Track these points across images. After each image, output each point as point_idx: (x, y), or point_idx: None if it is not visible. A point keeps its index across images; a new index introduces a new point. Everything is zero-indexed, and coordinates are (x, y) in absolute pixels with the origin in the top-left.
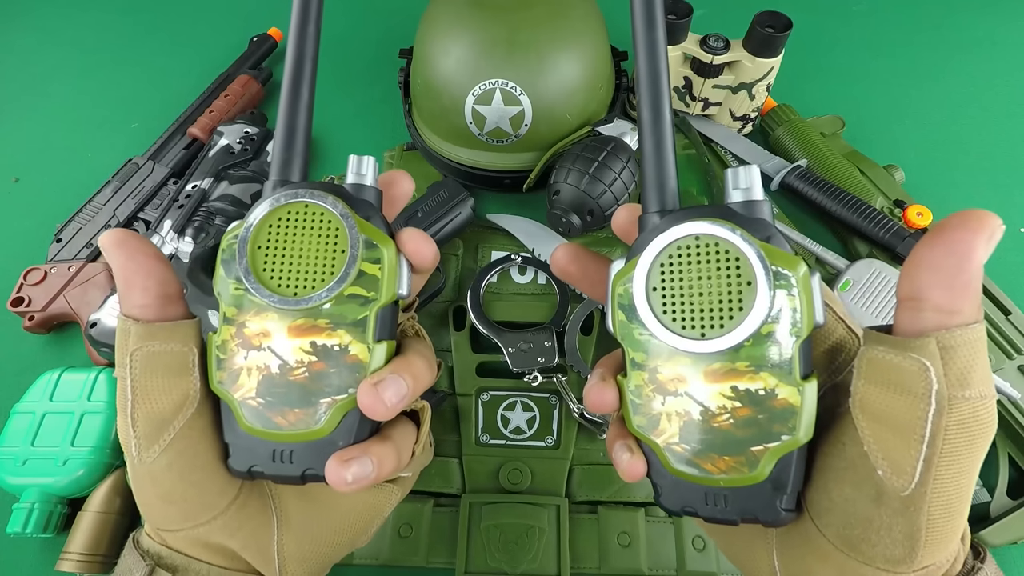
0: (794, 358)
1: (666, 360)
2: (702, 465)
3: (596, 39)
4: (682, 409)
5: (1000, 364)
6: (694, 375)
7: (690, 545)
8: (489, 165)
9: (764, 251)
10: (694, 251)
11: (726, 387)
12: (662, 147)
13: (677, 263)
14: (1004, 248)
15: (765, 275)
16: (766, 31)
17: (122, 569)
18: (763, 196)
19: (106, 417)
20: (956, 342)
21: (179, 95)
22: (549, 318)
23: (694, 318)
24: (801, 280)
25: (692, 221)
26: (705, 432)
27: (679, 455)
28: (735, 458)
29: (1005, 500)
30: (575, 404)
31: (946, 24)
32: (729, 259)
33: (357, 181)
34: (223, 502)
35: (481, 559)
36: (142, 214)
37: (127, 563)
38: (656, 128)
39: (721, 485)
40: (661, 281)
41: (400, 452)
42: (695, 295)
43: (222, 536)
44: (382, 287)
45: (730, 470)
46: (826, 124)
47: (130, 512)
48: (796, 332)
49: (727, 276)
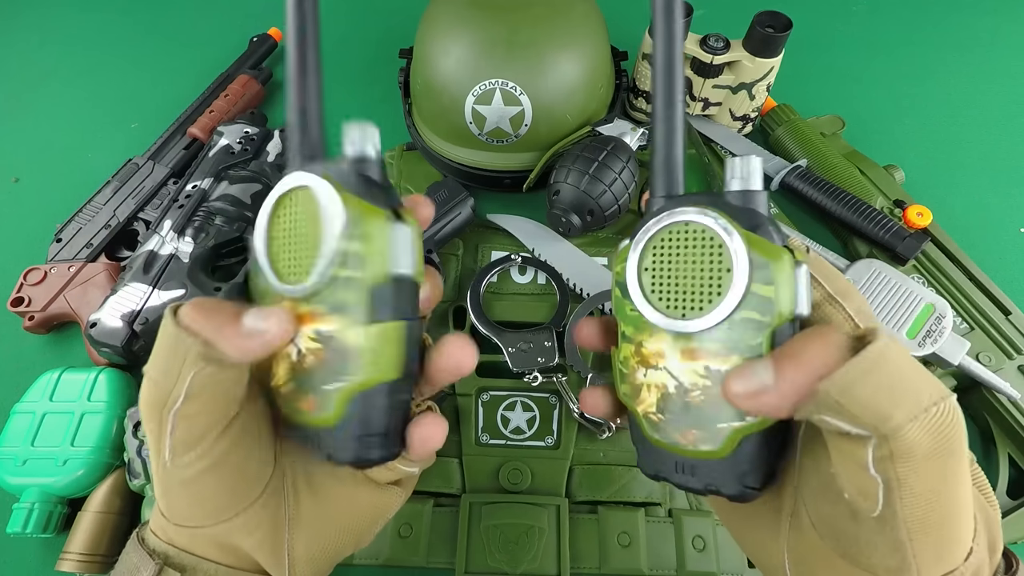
0: (763, 344)
1: (650, 336)
2: (674, 436)
3: (596, 39)
4: (660, 382)
5: (1000, 364)
6: (672, 352)
7: (690, 545)
8: (489, 165)
9: (747, 240)
10: (683, 236)
11: (699, 366)
12: (672, 136)
13: (668, 247)
14: (1004, 248)
15: (743, 263)
16: (766, 31)
17: (126, 568)
18: (760, 187)
19: (106, 417)
20: (849, 380)
21: (179, 95)
22: (549, 318)
23: (677, 299)
24: (781, 270)
25: (684, 207)
26: (679, 406)
27: (655, 424)
28: (703, 432)
29: (1005, 500)
30: (575, 404)
31: (946, 23)
32: (713, 246)
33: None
34: (249, 500)
35: (481, 559)
36: (142, 214)
37: (132, 561)
38: (668, 117)
39: (690, 456)
40: (652, 262)
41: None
42: (680, 278)
43: (241, 534)
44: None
45: (698, 443)
46: (826, 124)
47: (130, 512)
48: (769, 320)
49: (709, 262)
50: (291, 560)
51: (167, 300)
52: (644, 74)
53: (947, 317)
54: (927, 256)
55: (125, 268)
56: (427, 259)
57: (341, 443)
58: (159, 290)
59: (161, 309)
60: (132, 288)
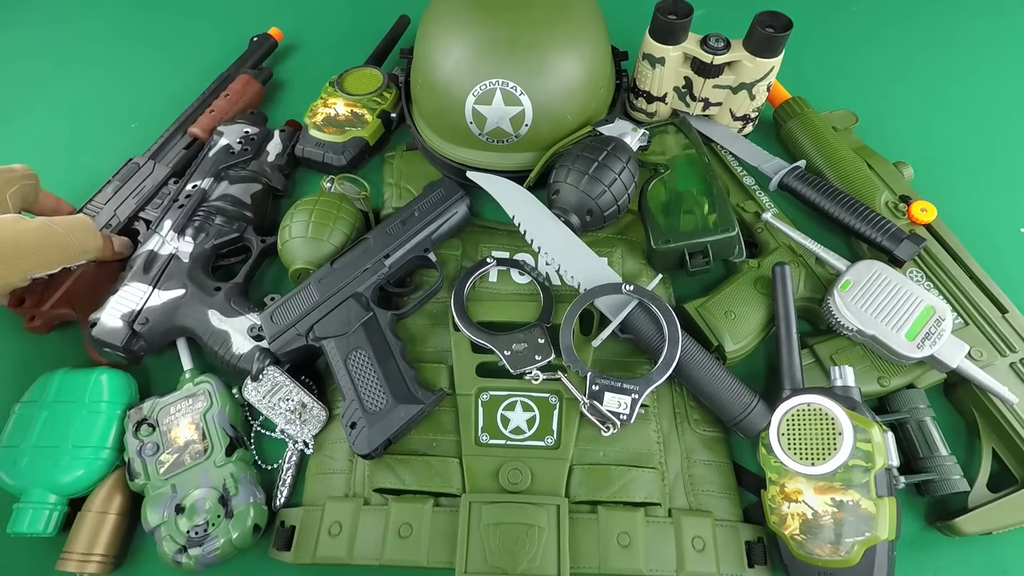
0: (870, 483)
1: (790, 479)
2: (814, 551)
3: (596, 39)
4: (800, 512)
5: (992, 360)
6: (807, 489)
7: (690, 545)
8: (489, 165)
9: (849, 416)
10: (807, 413)
11: (827, 498)
12: (792, 351)
13: (797, 420)
14: (1004, 247)
15: (849, 430)
16: (766, 31)
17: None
18: (853, 384)
19: (106, 417)
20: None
21: (179, 95)
22: (536, 317)
23: (807, 453)
24: (875, 434)
25: (807, 395)
26: (815, 528)
27: (799, 543)
28: (835, 546)
29: (984, 492)
30: (581, 396)
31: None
32: (828, 419)
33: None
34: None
35: (481, 559)
36: (142, 214)
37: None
38: (788, 339)
39: (828, 566)
40: (787, 429)
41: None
42: (808, 439)
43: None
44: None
45: (832, 555)
46: (839, 119)
47: (130, 512)
48: (870, 466)
49: (827, 429)
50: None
51: (167, 300)
52: (644, 74)
53: (947, 320)
54: (928, 252)
55: (126, 268)
56: (425, 259)
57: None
58: (159, 290)
59: (161, 309)
60: (132, 288)
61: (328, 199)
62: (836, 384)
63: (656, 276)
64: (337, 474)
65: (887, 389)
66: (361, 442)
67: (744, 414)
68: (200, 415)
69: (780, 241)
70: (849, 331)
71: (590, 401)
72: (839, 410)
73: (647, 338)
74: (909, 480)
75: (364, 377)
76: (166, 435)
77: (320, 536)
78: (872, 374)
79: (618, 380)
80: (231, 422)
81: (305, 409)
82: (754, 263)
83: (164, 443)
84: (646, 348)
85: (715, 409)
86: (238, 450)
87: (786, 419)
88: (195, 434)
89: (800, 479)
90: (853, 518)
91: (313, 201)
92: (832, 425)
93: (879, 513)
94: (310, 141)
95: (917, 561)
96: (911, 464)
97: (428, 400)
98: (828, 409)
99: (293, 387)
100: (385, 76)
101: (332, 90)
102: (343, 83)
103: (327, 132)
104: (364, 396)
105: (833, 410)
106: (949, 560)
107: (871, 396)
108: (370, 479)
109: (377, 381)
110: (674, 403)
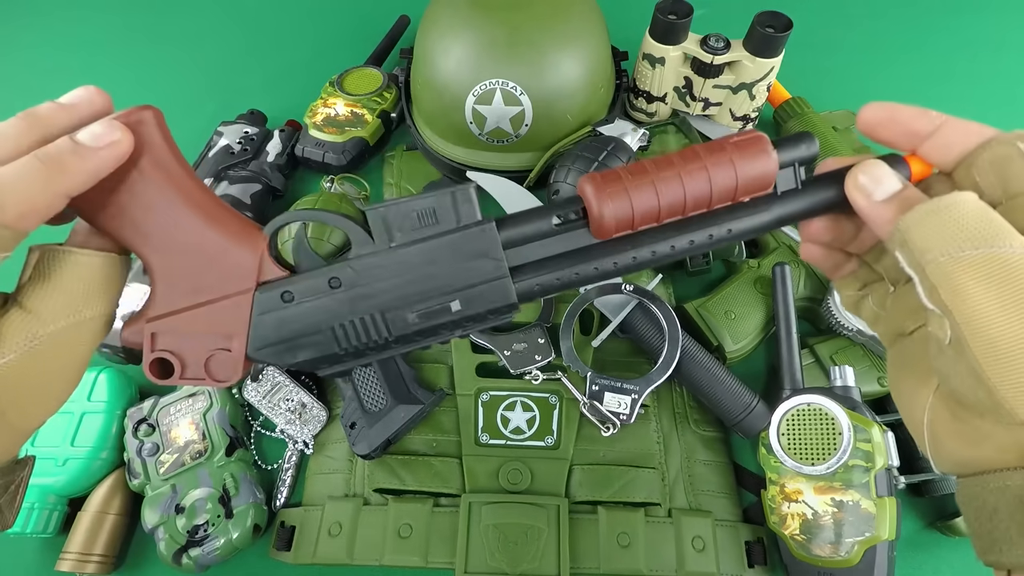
0: (870, 483)
1: (790, 479)
2: (814, 551)
3: (596, 39)
4: (800, 512)
5: None
6: (807, 489)
7: (690, 545)
8: (489, 165)
9: (849, 415)
10: (807, 413)
11: (827, 498)
12: (792, 352)
13: (797, 420)
14: None
15: (848, 430)
16: (766, 31)
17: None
18: (853, 384)
19: (106, 417)
20: (914, 218)
21: (179, 95)
22: (536, 317)
23: (807, 453)
24: (874, 434)
25: (807, 395)
26: (815, 528)
27: (800, 543)
28: (835, 546)
29: None
30: (581, 396)
31: (954, 25)
32: (827, 419)
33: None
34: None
35: (481, 559)
36: None
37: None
38: (788, 340)
39: (828, 566)
40: (787, 429)
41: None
42: (807, 439)
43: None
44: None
45: (832, 555)
46: (839, 119)
47: (130, 512)
48: (870, 466)
49: (826, 428)
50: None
51: None
52: (644, 74)
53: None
54: None
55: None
56: None
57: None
58: None
59: None
60: (132, 288)
61: (328, 199)
62: (836, 384)
63: (656, 276)
64: (337, 474)
65: (887, 389)
66: (361, 442)
67: (744, 414)
68: (200, 415)
69: (780, 241)
70: (849, 331)
71: (590, 401)
72: (839, 410)
73: (647, 338)
74: (909, 480)
75: (364, 377)
76: (166, 435)
77: (320, 536)
78: (872, 374)
79: (618, 380)
80: (231, 422)
81: (305, 409)
82: (754, 263)
83: (164, 443)
84: (646, 348)
85: (715, 409)
86: (238, 450)
87: (786, 419)
88: (195, 434)
89: (800, 479)
90: (853, 518)
91: (313, 201)
92: (832, 425)
93: (879, 513)
94: (310, 141)
95: (917, 561)
96: (911, 464)
97: (428, 400)
98: (828, 409)
99: (293, 387)
100: (385, 76)
101: (332, 90)
102: (343, 83)
103: (327, 132)
104: (364, 396)
105: (833, 410)
106: (949, 560)
107: (871, 396)
108: (370, 479)
109: (377, 381)
110: (674, 403)
